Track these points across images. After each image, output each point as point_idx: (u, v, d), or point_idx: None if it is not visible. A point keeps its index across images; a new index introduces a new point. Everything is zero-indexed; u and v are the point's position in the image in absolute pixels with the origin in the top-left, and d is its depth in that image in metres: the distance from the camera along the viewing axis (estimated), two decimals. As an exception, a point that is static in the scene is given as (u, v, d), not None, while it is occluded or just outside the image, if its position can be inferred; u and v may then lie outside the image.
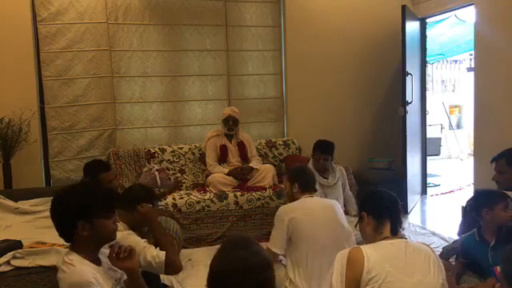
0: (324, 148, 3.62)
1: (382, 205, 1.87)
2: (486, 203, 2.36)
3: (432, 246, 2.32)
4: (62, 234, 1.70)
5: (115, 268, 1.78)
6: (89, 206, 1.65)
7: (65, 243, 2.49)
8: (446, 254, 2.68)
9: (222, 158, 4.30)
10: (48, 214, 3.35)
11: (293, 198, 2.67)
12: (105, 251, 1.80)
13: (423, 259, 1.73)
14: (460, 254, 2.52)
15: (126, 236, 2.07)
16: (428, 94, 6.07)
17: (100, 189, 1.79)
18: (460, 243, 2.57)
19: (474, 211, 2.45)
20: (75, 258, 1.65)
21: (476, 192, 2.61)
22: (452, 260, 2.66)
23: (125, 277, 1.84)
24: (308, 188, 2.67)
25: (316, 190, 2.76)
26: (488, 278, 2.27)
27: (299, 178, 2.68)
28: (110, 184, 2.92)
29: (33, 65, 4.23)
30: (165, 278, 2.63)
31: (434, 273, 1.71)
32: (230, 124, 4.29)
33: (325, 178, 3.62)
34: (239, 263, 1.21)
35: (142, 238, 2.16)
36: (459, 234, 2.90)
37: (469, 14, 5.32)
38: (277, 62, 5.01)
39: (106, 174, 3.04)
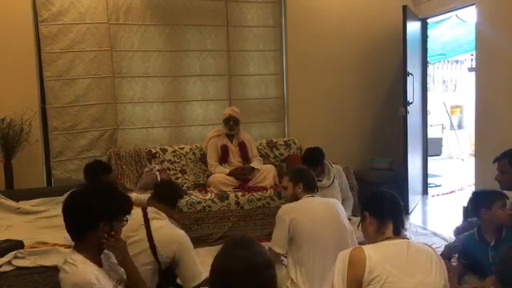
0: (309, 161, 3.50)
1: (383, 205, 1.87)
2: (483, 203, 2.37)
3: (433, 246, 2.31)
4: (77, 232, 1.72)
5: (116, 269, 1.81)
6: (114, 209, 1.75)
7: (66, 243, 2.50)
8: (448, 253, 2.68)
9: (223, 158, 4.30)
10: (49, 214, 3.34)
11: (295, 199, 2.66)
12: (106, 253, 1.82)
13: (425, 260, 1.72)
14: (460, 254, 2.52)
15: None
16: (429, 94, 6.06)
17: (121, 193, 1.90)
18: (460, 243, 2.57)
19: (472, 212, 2.46)
20: (78, 258, 1.66)
21: (473, 193, 2.60)
22: (454, 260, 2.66)
23: (125, 277, 1.85)
24: (311, 188, 2.69)
25: (318, 190, 2.76)
26: (487, 278, 2.27)
27: (303, 178, 2.70)
28: None
29: (34, 65, 4.24)
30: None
31: (436, 273, 1.71)
32: (231, 124, 4.29)
33: (319, 180, 3.52)
34: (241, 263, 1.21)
35: None
36: (460, 233, 2.89)
37: (470, 14, 5.30)
38: (278, 62, 5.01)
39: (108, 176, 3.04)
